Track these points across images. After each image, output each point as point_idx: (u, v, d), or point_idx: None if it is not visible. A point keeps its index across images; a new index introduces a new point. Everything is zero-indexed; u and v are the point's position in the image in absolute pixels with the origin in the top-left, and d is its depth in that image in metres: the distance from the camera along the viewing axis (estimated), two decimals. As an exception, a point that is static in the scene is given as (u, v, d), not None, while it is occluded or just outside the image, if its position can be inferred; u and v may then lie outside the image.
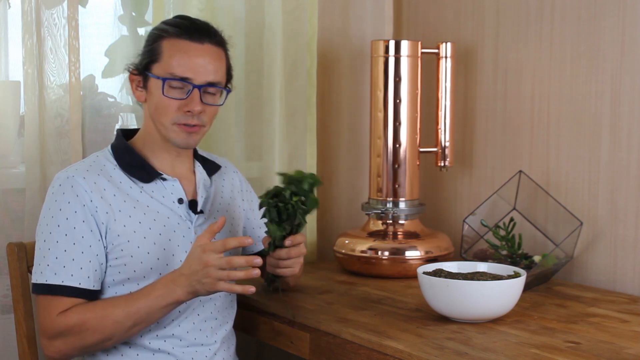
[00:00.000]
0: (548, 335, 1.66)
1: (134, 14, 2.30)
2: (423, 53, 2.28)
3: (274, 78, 2.33)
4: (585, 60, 2.13)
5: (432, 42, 2.37)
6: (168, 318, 1.72)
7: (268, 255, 1.83)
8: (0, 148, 2.15)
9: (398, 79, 2.24)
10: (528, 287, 1.93)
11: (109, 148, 1.79)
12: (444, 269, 1.83)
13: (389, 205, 2.27)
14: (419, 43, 2.27)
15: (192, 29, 1.73)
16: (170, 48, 1.72)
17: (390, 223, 2.27)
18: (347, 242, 2.27)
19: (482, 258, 2.08)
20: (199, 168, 1.84)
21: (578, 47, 2.15)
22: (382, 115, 2.26)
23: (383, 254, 2.20)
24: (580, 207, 2.15)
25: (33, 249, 1.88)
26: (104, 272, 1.69)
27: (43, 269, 1.66)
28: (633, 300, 1.96)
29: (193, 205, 1.78)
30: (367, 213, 2.31)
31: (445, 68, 2.32)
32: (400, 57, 2.24)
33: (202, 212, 1.80)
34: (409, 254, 2.20)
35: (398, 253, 2.20)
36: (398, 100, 2.24)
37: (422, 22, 2.57)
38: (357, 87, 2.53)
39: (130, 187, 1.73)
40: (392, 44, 2.25)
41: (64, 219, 1.66)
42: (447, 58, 2.31)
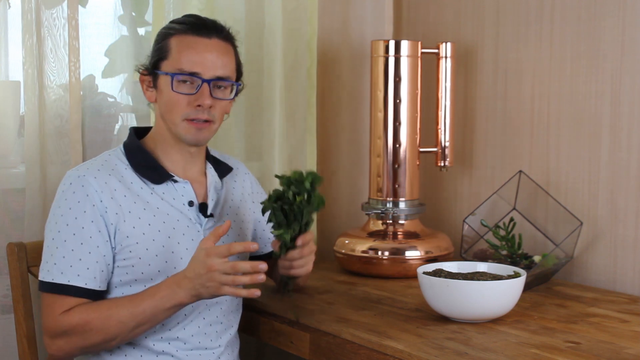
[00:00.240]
0: (548, 335, 1.66)
1: (134, 14, 2.30)
2: (423, 53, 2.28)
3: (274, 78, 2.33)
4: (585, 60, 2.13)
5: (432, 42, 2.37)
6: (173, 321, 1.72)
7: (279, 259, 1.81)
8: (0, 148, 2.15)
9: (398, 79, 2.24)
10: (528, 287, 1.93)
11: (121, 147, 1.78)
12: (444, 269, 1.83)
13: (389, 205, 2.27)
14: (419, 43, 2.27)
15: (199, 25, 1.74)
16: (178, 44, 1.72)
17: (390, 223, 2.27)
18: (347, 242, 2.27)
19: (482, 258, 2.08)
20: (211, 170, 1.84)
21: (578, 47, 2.15)
22: (382, 115, 2.26)
23: (383, 254, 2.20)
24: (580, 207, 2.15)
25: (33, 249, 1.89)
26: (111, 272, 1.69)
27: (50, 267, 1.65)
28: (633, 300, 1.96)
29: (203, 208, 1.78)
30: (367, 213, 2.31)
31: (445, 68, 2.32)
32: (400, 57, 2.24)
33: (212, 215, 1.79)
34: (409, 254, 2.20)
35: (398, 253, 2.20)
36: (398, 100, 2.24)
37: (422, 22, 2.57)
38: (357, 87, 2.53)
39: (141, 187, 1.72)
40: (392, 44, 2.25)
41: (73, 218, 1.65)
42: (447, 58, 2.31)
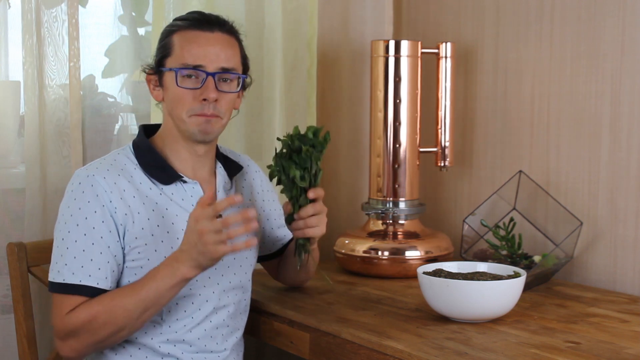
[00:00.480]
0: (548, 335, 1.66)
1: (134, 14, 2.30)
2: (423, 53, 2.28)
3: (274, 78, 2.33)
4: (585, 60, 2.13)
5: (432, 42, 2.37)
6: (180, 323, 1.71)
7: (292, 222, 1.77)
8: (0, 148, 2.15)
9: (398, 79, 2.24)
10: (528, 287, 1.93)
11: (130, 145, 1.77)
12: (444, 269, 1.83)
13: (389, 205, 2.27)
14: (419, 43, 2.27)
15: (202, 20, 1.73)
16: (181, 40, 1.71)
17: (390, 223, 2.27)
18: (347, 242, 2.27)
19: (482, 258, 2.08)
20: (220, 170, 1.82)
21: (578, 47, 2.15)
22: (382, 115, 2.26)
23: (383, 254, 2.20)
24: (580, 207, 2.15)
25: (33, 249, 1.89)
26: (121, 272, 1.68)
27: (60, 268, 1.64)
28: (633, 300, 1.96)
29: None
30: (367, 213, 2.31)
31: (445, 68, 2.32)
32: (400, 57, 2.24)
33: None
34: (409, 254, 2.20)
35: (398, 253, 2.20)
36: (398, 100, 2.24)
37: (422, 22, 2.57)
38: (357, 87, 2.53)
39: (150, 188, 1.71)
40: (392, 44, 2.25)
41: (83, 219, 1.64)
42: (447, 58, 2.31)
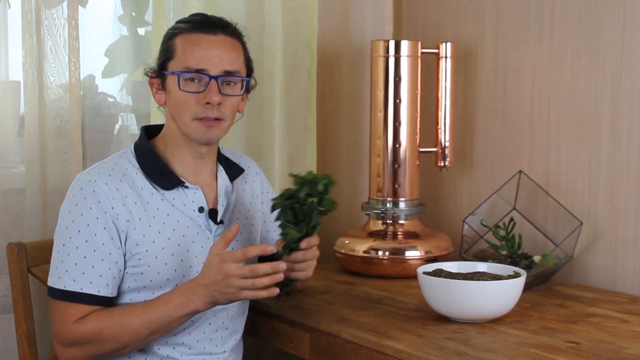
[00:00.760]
0: (548, 335, 1.66)
1: (134, 14, 2.30)
2: (423, 53, 2.28)
3: (274, 78, 2.33)
4: (585, 60, 2.13)
5: (432, 42, 2.37)
6: (180, 326, 1.71)
7: (282, 259, 1.76)
8: (0, 148, 2.15)
9: (398, 79, 2.24)
10: (528, 287, 1.93)
11: (132, 148, 1.76)
12: (444, 269, 1.83)
13: (389, 205, 2.27)
14: (419, 43, 2.27)
15: (204, 23, 1.72)
16: (184, 43, 1.70)
17: (390, 223, 2.27)
18: (347, 242, 2.27)
19: (482, 258, 2.08)
20: (222, 173, 1.81)
21: (578, 47, 2.15)
22: (382, 115, 2.26)
23: (383, 254, 2.20)
24: (580, 207, 2.15)
25: (33, 249, 1.89)
26: (122, 278, 1.68)
27: (61, 274, 1.64)
28: (633, 300, 1.96)
29: (213, 214, 1.75)
30: (367, 213, 2.31)
31: (445, 68, 2.32)
32: (400, 57, 2.24)
33: (221, 222, 1.77)
34: (409, 254, 2.20)
35: (398, 253, 2.20)
36: (398, 100, 2.24)
37: (422, 22, 2.57)
38: (357, 87, 2.53)
39: (152, 193, 1.70)
40: (392, 44, 2.25)
41: (85, 225, 1.63)
42: (447, 58, 2.31)
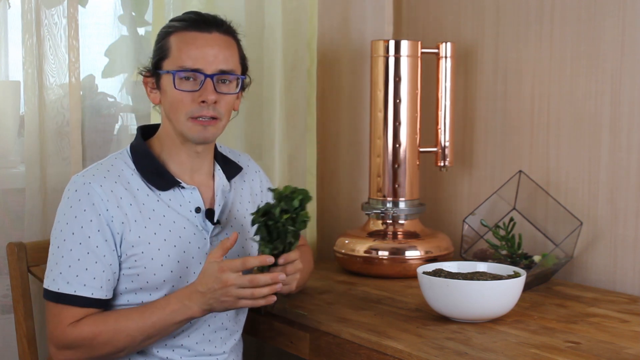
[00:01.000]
0: (548, 335, 1.66)
1: (134, 14, 2.30)
2: (423, 53, 2.28)
3: (274, 78, 2.33)
4: (585, 60, 2.13)
5: (432, 42, 2.37)
6: (175, 331, 1.70)
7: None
8: (0, 148, 2.15)
9: (398, 79, 2.24)
10: (528, 287, 1.93)
11: (128, 149, 1.75)
12: (444, 269, 1.83)
13: (389, 205, 2.27)
14: (419, 43, 2.27)
15: (198, 21, 1.71)
16: (179, 41, 1.69)
17: (390, 223, 2.27)
18: (347, 242, 2.27)
19: (482, 258, 2.08)
20: (219, 172, 1.80)
21: (578, 47, 2.15)
22: (382, 115, 2.26)
23: (383, 254, 2.20)
24: (580, 207, 2.15)
25: (33, 249, 1.89)
26: (117, 280, 1.67)
27: (55, 276, 1.64)
28: (633, 300, 1.96)
29: (210, 215, 1.75)
30: (367, 213, 2.31)
31: (445, 68, 2.32)
32: (400, 57, 2.24)
33: (218, 222, 1.76)
34: (409, 254, 2.20)
35: (398, 253, 2.20)
36: (398, 100, 2.24)
37: (422, 22, 2.57)
38: (357, 87, 2.53)
39: (147, 194, 1.70)
40: (392, 44, 2.25)
41: (79, 227, 1.63)
42: (447, 58, 2.31)
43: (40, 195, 2.05)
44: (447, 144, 2.33)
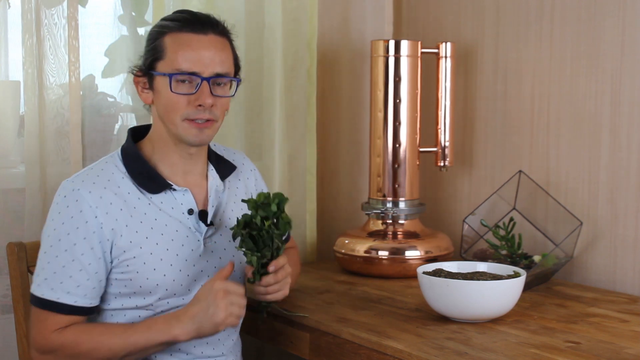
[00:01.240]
0: (548, 335, 1.66)
1: (134, 14, 2.30)
2: (423, 53, 2.28)
3: (274, 78, 2.33)
4: (585, 60, 2.13)
5: (432, 42, 2.37)
6: (160, 350, 1.69)
7: (254, 284, 1.74)
8: (0, 148, 2.15)
9: (398, 79, 2.24)
10: (528, 287, 1.93)
11: (119, 152, 1.73)
12: (444, 269, 1.83)
13: (389, 205, 2.27)
14: (419, 43, 2.27)
15: (193, 21, 1.68)
16: (174, 43, 1.66)
17: (390, 223, 2.27)
18: (347, 242, 2.27)
19: (482, 258, 2.08)
20: (212, 172, 1.78)
21: (578, 47, 2.15)
22: (382, 115, 2.26)
23: (383, 254, 2.20)
24: (580, 207, 2.15)
25: (33, 249, 1.88)
26: (104, 287, 1.66)
27: (40, 282, 1.63)
28: (633, 300, 1.96)
29: (203, 216, 1.73)
30: (367, 213, 2.31)
31: (445, 68, 2.32)
32: (400, 57, 2.24)
33: (212, 224, 1.75)
34: (409, 254, 2.20)
35: (398, 253, 2.20)
36: (398, 100, 2.25)
37: (422, 22, 2.57)
38: (357, 87, 2.53)
39: (138, 198, 1.68)
40: (392, 44, 2.25)
41: (66, 234, 1.62)
42: (447, 58, 2.31)
43: (40, 195, 2.05)
44: (447, 144, 2.33)
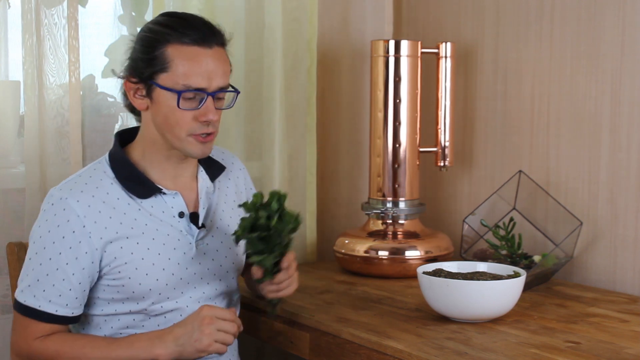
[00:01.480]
0: (548, 335, 1.66)
1: (134, 14, 2.30)
2: (423, 53, 2.28)
3: (274, 78, 2.33)
4: (585, 60, 2.13)
5: (432, 42, 2.37)
6: None
7: (263, 284, 1.73)
8: (0, 148, 2.15)
9: (398, 79, 2.24)
10: (528, 287, 1.93)
11: (107, 157, 1.72)
12: (444, 269, 1.83)
13: (389, 205, 2.27)
14: (419, 43, 2.27)
15: (195, 32, 1.63)
16: (179, 57, 1.62)
17: (390, 223, 2.27)
18: (347, 242, 2.27)
19: (482, 258, 2.08)
20: (202, 174, 1.77)
21: (578, 47, 2.15)
22: (382, 115, 2.26)
23: (383, 254, 2.20)
24: (580, 207, 2.15)
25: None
26: (87, 297, 1.65)
27: (24, 288, 1.63)
28: (633, 300, 1.96)
29: (194, 218, 1.73)
30: (367, 213, 2.31)
31: (445, 68, 2.32)
32: (400, 57, 2.24)
33: (203, 225, 1.74)
34: (409, 254, 2.20)
35: (398, 253, 2.20)
36: (398, 100, 2.25)
37: (422, 22, 2.57)
38: (357, 87, 2.53)
39: (128, 203, 1.67)
40: (392, 44, 2.25)
41: (51, 243, 1.61)
42: (447, 58, 2.31)
43: (40, 195, 2.05)
44: (447, 144, 2.33)
